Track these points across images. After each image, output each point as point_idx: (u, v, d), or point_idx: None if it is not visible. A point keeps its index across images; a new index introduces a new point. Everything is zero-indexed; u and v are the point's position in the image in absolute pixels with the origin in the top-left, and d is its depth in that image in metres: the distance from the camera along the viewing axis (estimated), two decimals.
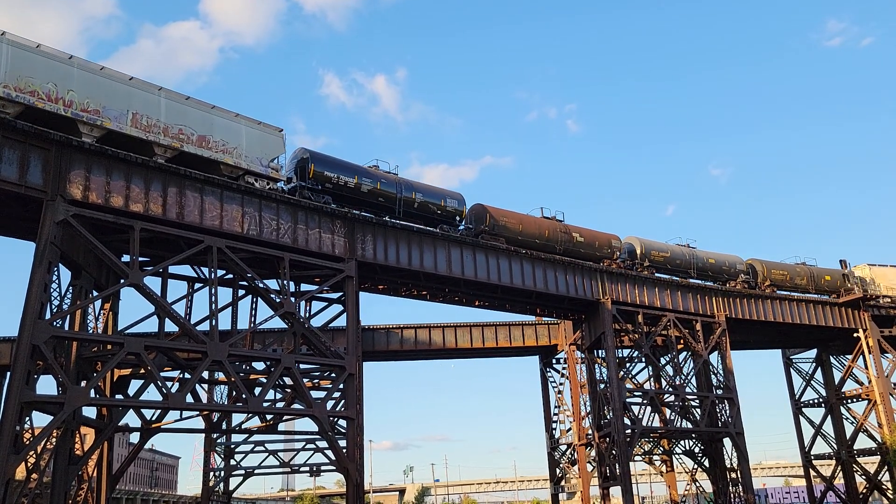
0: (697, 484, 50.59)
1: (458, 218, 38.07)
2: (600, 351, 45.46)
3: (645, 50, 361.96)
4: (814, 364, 59.01)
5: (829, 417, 57.48)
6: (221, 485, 51.02)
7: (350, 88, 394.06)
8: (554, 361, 54.45)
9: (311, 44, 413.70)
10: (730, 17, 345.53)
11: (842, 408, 57.09)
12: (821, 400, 58.21)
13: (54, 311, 27.31)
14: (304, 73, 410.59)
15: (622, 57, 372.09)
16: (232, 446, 50.33)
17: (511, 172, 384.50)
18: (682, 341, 47.14)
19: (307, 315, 34.39)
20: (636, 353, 46.63)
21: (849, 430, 56.55)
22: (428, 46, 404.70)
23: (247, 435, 47.59)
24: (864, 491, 56.25)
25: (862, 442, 56.47)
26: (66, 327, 28.24)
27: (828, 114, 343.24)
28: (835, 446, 56.88)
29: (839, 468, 56.87)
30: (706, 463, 48.49)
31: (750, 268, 50.32)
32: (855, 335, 53.95)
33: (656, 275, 45.64)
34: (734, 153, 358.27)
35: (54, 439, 27.60)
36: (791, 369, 60.38)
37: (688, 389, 45.45)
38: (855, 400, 56.46)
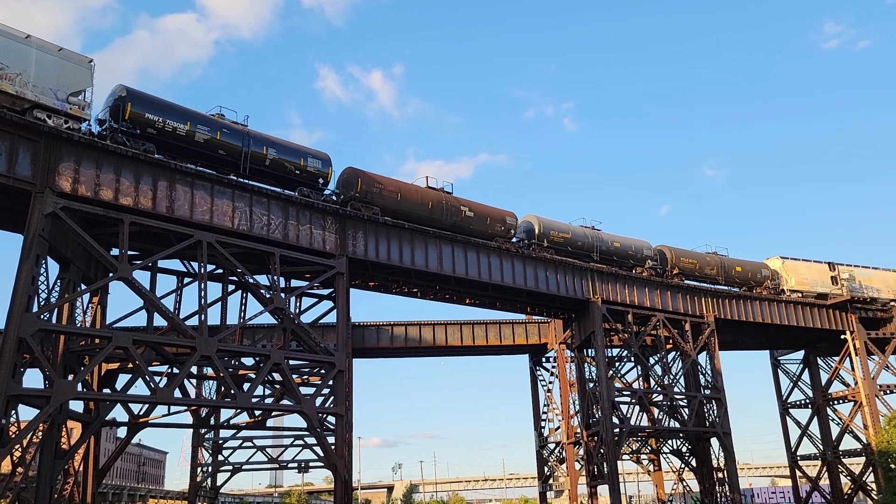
0: (684, 483, 50.82)
1: (321, 181, 33.68)
2: (590, 350, 45.59)
3: (644, 50, 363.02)
4: (801, 365, 59.40)
5: (815, 418, 57.87)
6: (209, 480, 50.86)
7: (346, 83, 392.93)
8: (544, 360, 54.57)
9: (308, 38, 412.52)
10: (728, 17, 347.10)
11: (828, 409, 57.49)
12: (807, 401, 58.61)
13: (42, 304, 27.11)
14: (300, 68, 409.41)
15: (621, 56, 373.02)
16: (220, 442, 50.18)
17: (506, 170, 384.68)
18: (670, 341, 47.32)
19: (297, 311, 34.22)
20: (625, 352, 46.77)
21: (835, 431, 56.99)
22: (425, 42, 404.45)
23: (235, 430, 47.49)
24: (849, 492, 56.71)
25: (847, 443, 57.09)
26: (54, 321, 27.99)
27: (825, 116, 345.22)
28: (821, 447, 57.29)
29: (825, 469, 57.27)
30: (693, 462, 48.74)
31: (659, 254, 47.77)
32: (842, 337, 54.27)
33: (555, 258, 42.09)
34: (729, 155, 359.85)
35: (40, 433, 27.39)
36: (779, 370, 60.73)
37: (676, 389, 45.65)
38: (841, 401, 56.87)
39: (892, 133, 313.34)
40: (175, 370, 30.98)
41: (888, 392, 54.94)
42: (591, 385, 44.74)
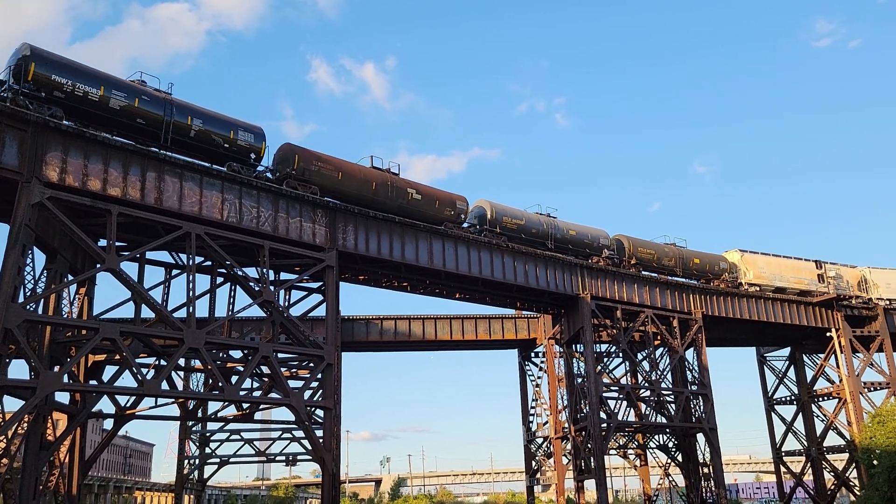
0: (670, 478, 51.14)
1: (253, 156, 31.74)
2: (578, 345, 45.76)
3: (635, 47, 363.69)
4: (787, 362, 59.81)
5: (800, 415, 58.33)
6: (196, 473, 50.73)
7: (339, 75, 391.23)
8: (532, 355, 54.68)
9: (301, 30, 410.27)
10: (720, 14, 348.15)
11: (813, 406, 57.95)
12: (793, 397, 59.06)
13: (28, 294, 26.90)
14: (292, 59, 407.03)
15: (613, 52, 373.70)
16: (207, 434, 50.02)
17: (499, 165, 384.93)
18: (658, 337, 47.58)
19: (286, 304, 34.23)
20: (614, 348, 46.97)
21: (819, 427, 57.44)
22: (418, 35, 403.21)
23: (222, 423, 47.28)
24: (832, 487, 57.25)
25: (831, 439, 57.42)
26: (40, 311, 27.77)
27: (816, 114, 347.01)
28: (805, 443, 57.75)
29: (809, 465, 57.78)
30: (679, 458, 49.02)
31: (616, 243, 46.74)
32: (828, 334, 54.76)
33: (513, 245, 40.85)
34: (720, 152, 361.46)
35: (25, 424, 27.19)
36: (765, 367, 61.11)
37: (663, 385, 45.89)
38: (826, 398, 57.34)
39: (885, 130, 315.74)
40: (162, 362, 30.86)
41: (872, 389, 55.42)
42: (580, 380, 44.90)
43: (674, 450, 49.56)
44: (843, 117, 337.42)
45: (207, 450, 50.27)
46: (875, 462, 44.09)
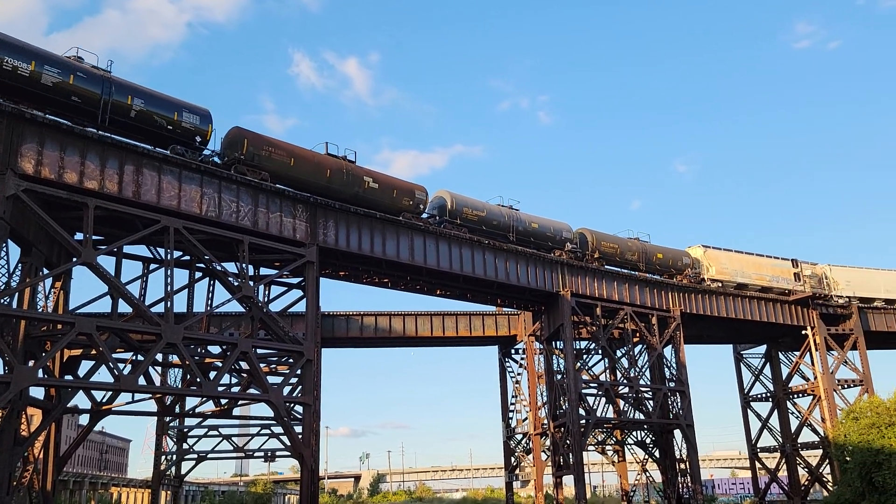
0: (648, 474, 51.69)
1: (199, 139, 30.51)
2: (558, 342, 46.02)
3: (618, 46, 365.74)
4: (763, 359, 60.64)
5: (775, 412, 59.20)
6: (173, 469, 50.37)
7: (321, 69, 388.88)
8: (513, 352, 54.88)
9: (283, 23, 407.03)
10: (702, 15, 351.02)
11: (788, 402, 58.82)
12: (768, 394, 59.89)
13: (2, 288, 26.53)
14: (273, 53, 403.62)
15: (596, 51, 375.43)
16: (185, 430, 49.67)
17: (481, 162, 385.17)
18: (637, 335, 47.99)
19: (266, 299, 33.98)
20: (593, 345, 47.29)
21: (794, 424, 58.33)
22: (402, 30, 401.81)
23: (200, 419, 47.01)
24: (806, 483, 58.21)
25: (806, 436, 58.27)
26: (14, 305, 27.41)
27: (796, 113, 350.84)
28: (780, 440, 58.65)
29: (783, 461, 58.69)
30: (657, 454, 49.56)
31: (579, 237, 46.52)
32: (803, 332, 55.58)
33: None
34: (700, 151, 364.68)
35: None
36: (741, 364, 61.92)
37: (641, 382, 46.36)
38: (801, 395, 58.23)
39: (867, 129, 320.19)
40: (140, 357, 30.58)
41: (846, 387, 56.30)
42: (559, 377, 45.19)
43: (651, 446, 50.09)
44: (824, 116, 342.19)
45: (185, 446, 49.93)
46: (848, 458, 44.89)
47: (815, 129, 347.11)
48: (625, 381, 46.45)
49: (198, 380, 28.85)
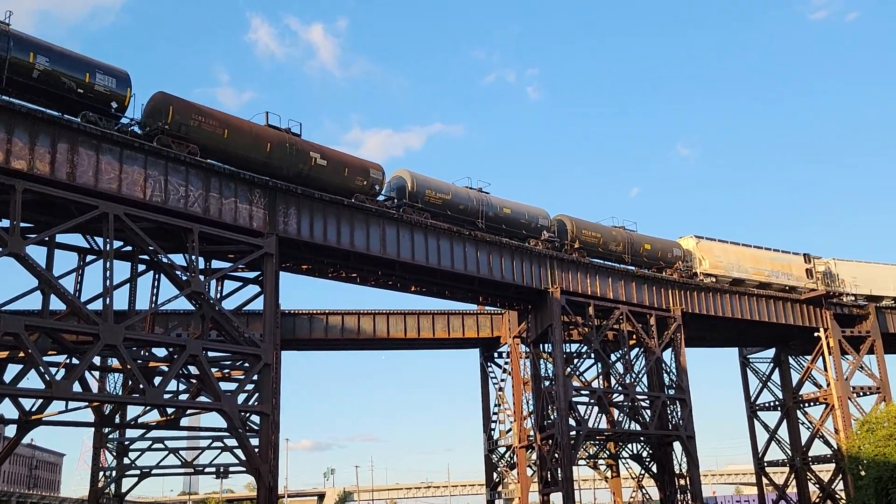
0: (644, 491, 52.35)
1: (115, 105, 29.54)
2: (546, 345, 46.37)
3: (615, 15, 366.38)
4: (771, 364, 61.47)
5: (784, 422, 60.10)
6: (113, 486, 49.99)
7: (282, 37, 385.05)
8: (496, 355, 55.13)
9: None
10: None
11: (798, 412, 59.75)
12: (777, 403, 60.80)
13: None
14: (228, 17, 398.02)
15: (591, 20, 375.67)
16: (126, 443, 49.31)
17: (462, 142, 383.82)
18: (634, 336, 48.46)
19: (218, 296, 34.00)
20: (585, 348, 47.68)
21: (804, 435, 59.30)
22: None
23: (144, 430, 46.64)
24: (817, 500, 59.23)
25: (817, 449, 59.27)
26: None
27: (811, 90, 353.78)
28: (789, 453, 59.60)
29: (793, 476, 59.69)
30: (654, 468, 50.18)
31: (557, 224, 46.20)
32: (815, 335, 56.32)
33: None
34: (705, 132, 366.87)
35: None
36: (747, 369, 62.76)
37: (638, 389, 46.83)
38: (812, 404, 59.22)
39: (884, 109, 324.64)
40: (75, 361, 30.33)
41: (861, 394, 57.26)
42: (547, 383, 45.53)
43: (648, 460, 50.71)
44: (845, 93, 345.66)
45: (126, 460, 49.53)
46: (863, 473, 45.85)
47: (836, 108, 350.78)
48: (620, 388, 46.92)
49: (140, 386, 28.68)
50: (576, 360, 48.54)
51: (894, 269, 61.42)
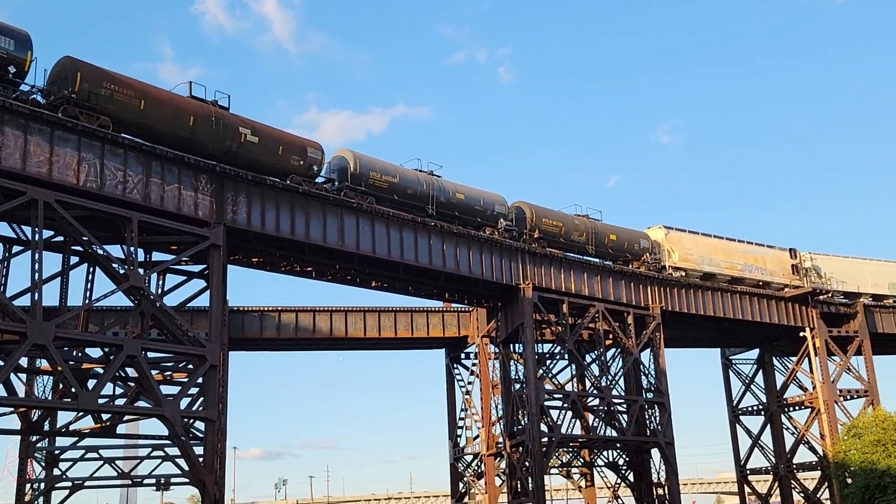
0: (620, 500, 52.94)
1: (12, 70, 28.65)
2: (517, 345, 46.61)
3: None
4: (755, 366, 62.50)
5: (768, 427, 61.20)
6: (41, 499, 49.31)
7: (232, 8, 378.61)
8: (462, 356, 55.32)
9: None
10: None
11: (783, 416, 60.89)
12: (760, 407, 61.88)
13: None
14: None
15: None
16: (56, 452, 48.65)
17: (428, 125, 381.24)
18: (611, 336, 48.95)
19: (160, 291, 33.70)
20: (558, 348, 48.03)
21: (789, 441, 60.46)
22: None
23: (76, 438, 46.08)
24: None
25: (802, 455, 60.56)
26: None
27: (805, 70, 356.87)
28: (773, 459, 60.74)
29: (776, 484, 60.89)
30: (631, 477, 50.80)
31: (516, 211, 46.09)
32: (801, 334, 57.36)
33: (375, 206, 38.90)
34: (689, 117, 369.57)
35: None
36: (730, 371, 63.75)
37: (614, 392, 47.33)
38: (797, 408, 60.33)
39: (884, 92, 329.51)
40: None
41: (848, 398, 58.36)
42: (518, 386, 45.81)
43: (624, 468, 51.32)
44: (834, 72, 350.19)
45: (56, 471, 48.87)
46: (849, 480, 46.95)
47: (832, 86, 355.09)
48: (595, 392, 47.37)
49: (73, 390, 28.47)
50: (548, 362, 48.84)
51: (871, 265, 62.57)
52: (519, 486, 45.18)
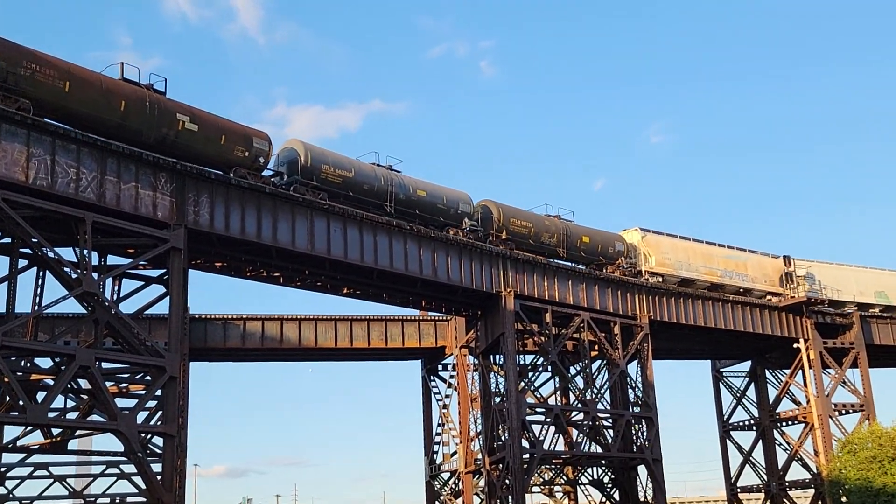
0: None
1: None
2: (498, 356, 46.54)
3: None
4: (747, 379, 62.90)
5: (760, 442, 61.60)
6: None
7: None
8: (440, 368, 55.27)
9: None
10: None
11: (775, 431, 61.28)
12: (752, 422, 62.27)
13: None
14: None
15: None
16: (3, 469, 48.03)
17: (405, 122, 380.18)
18: (596, 347, 48.96)
19: (115, 297, 33.42)
20: (541, 359, 48.00)
21: (782, 458, 60.89)
22: None
23: (24, 455, 45.52)
24: None
25: (795, 472, 60.91)
26: None
27: (805, 70, 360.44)
28: (765, 477, 61.13)
29: (768, 502, 61.24)
30: (616, 495, 50.82)
31: (482, 211, 45.58)
32: (795, 346, 57.71)
33: (324, 201, 37.91)
34: (680, 117, 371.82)
35: None
36: (721, 384, 64.08)
37: (600, 406, 47.32)
38: (790, 423, 60.80)
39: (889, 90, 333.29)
40: None
41: (844, 412, 58.87)
42: (498, 400, 45.68)
43: (610, 486, 51.33)
44: (836, 71, 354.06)
45: (2, 490, 48.27)
46: (844, 498, 47.22)
47: (832, 87, 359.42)
48: (579, 406, 47.37)
49: (20, 402, 28.03)
50: (530, 374, 48.90)
51: (856, 272, 62.73)
52: None
